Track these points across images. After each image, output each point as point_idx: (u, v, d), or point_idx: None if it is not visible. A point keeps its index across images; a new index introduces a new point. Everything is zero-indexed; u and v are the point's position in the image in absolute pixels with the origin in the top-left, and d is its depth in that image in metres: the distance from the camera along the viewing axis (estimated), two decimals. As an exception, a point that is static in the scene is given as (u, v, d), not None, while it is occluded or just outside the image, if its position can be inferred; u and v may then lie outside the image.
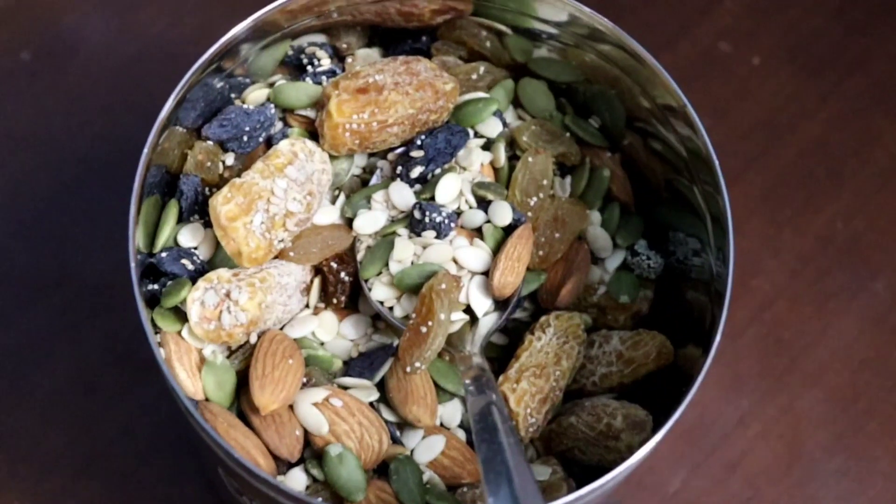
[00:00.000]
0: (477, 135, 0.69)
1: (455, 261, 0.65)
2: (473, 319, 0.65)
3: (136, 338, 0.59)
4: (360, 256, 0.66)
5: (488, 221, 0.66)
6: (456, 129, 0.67)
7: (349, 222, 0.66)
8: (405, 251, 0.65)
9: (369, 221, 0.66)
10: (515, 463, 0.53)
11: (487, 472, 0.53)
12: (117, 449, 0.79)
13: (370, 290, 0.65)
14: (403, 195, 0.66)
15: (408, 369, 0.62)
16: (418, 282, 0.64)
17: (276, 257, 0.64)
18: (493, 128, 0.69)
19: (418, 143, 0.67)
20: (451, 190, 0.66)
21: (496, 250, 0.65)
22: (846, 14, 0.96)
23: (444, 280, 0.62)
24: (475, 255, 0.65)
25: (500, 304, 0.66)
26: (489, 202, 0.66)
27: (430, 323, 0.61)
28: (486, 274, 0.65)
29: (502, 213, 0.66)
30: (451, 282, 0.63)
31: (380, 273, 0.65)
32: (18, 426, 0.79)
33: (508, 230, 0.66)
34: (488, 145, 0.69)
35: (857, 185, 0.91)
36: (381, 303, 0.65)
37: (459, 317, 0.65)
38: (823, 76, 0.94)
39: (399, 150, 0.67)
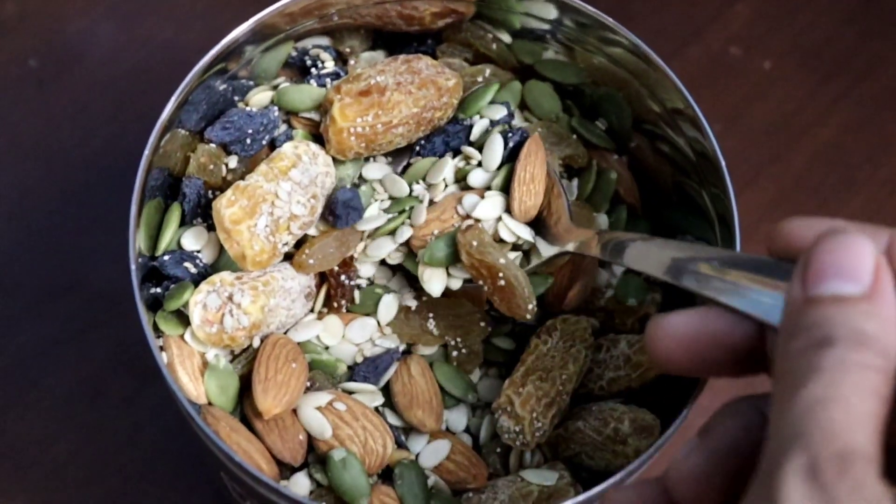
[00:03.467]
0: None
1: (476, 220, 0.65)
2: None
3: (143, 344, 0.59)
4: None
5: (489, 171, 0.67)
6: (452, 131, 0.67)
7: None
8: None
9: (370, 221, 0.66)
10: None
11: None
12: (124, 456, 0.79)
13: (427, 284, 0.64)
14: (398, 185, 0.67)
15: (528, 317, 0.62)
16: (451, 249, 0.64)
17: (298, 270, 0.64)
18: (497, 111, 0.69)
19: (416, 149, 0.67)
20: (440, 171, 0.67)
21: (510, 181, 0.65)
22: (858, 19, 0.96)
23: (470, 238, 0.63)
24: (490, 204, 0.65)
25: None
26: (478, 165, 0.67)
27: (500, 274, 0.61)
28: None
29: (492, 151, 0.66)
30: (474, 231, 0.63)
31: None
32: (26, 433, 0.79)
33: (514, 154, 0.66)
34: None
35: (870, 190, 0.90)
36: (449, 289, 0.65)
37: (515, 255, 0.65)
38: (835, 81, 0.94)
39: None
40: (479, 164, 0.66)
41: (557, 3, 0.68)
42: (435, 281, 0.64)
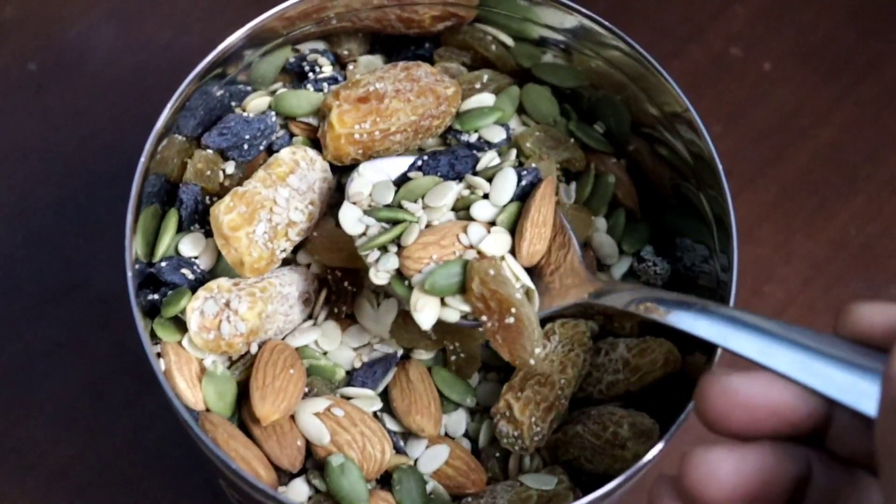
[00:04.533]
0: (480, 139, 0.68)
1: (480, 253, 0.61)
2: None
3: (143, 348, 0.59)
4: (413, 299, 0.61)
5: (496, 206, 0.63)
6: (462, 154, 0.65)
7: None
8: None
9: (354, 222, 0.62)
10: None
11: None
12: (125, 459, 0.79)
13: (418, 314, 0.60)
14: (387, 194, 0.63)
15: (532, 362, 0.59)
16: (458, 279, 0.60)
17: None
18: (496, 133, 0.68)
19: (419, 164, 0.64)
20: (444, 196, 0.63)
21: (515, 221, 0.62)
22: (858, 18, 0.96)
23: (487, 266, 0.59)
24: (495, 241, 0.61)
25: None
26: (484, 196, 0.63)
27: (512, 310, 0.58)
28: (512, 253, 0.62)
29: (504, 186, 0.63)
30: (492, 263, 0.59)
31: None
32: (26, 437, 0.79)
33: (524, 193, 0.63)
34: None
35: (871, 190, 0.90)
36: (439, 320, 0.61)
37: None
38: (836, 81, 0.93)
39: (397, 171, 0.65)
40: (485, 196, 0.63)
41: (557, 8, 0.67)
42: (428, 310, 0.60)
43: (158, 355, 0.62)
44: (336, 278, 0.65)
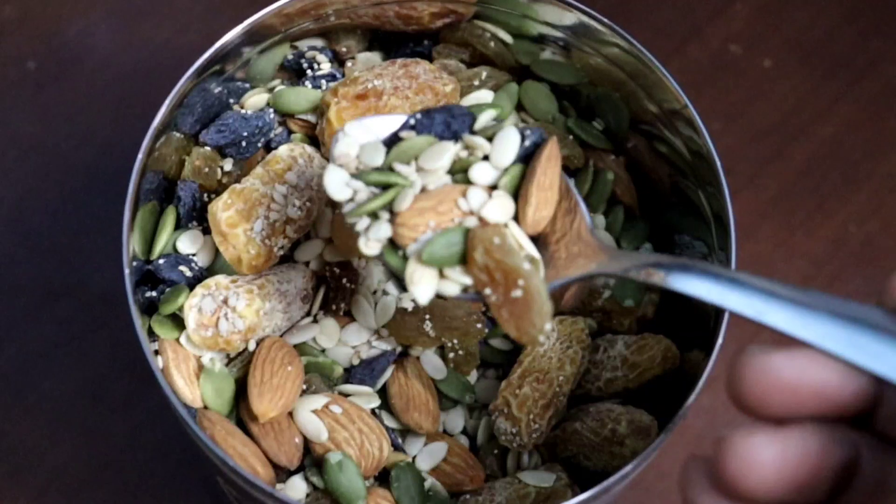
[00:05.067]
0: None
1: (482, 219, 0.55)
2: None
3: (141, 346, 0.59)
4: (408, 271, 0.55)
5: (498, 168, 0.56)
6: (458, 112, 0.57)
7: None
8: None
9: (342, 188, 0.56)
10: None
11: None
12: (123, 459, 0.78)
13: (415, 287, 0.54)
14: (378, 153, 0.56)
15: (542, 339, 0.54)
16: (459, 248, 0.54)
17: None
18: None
19: (411, 122, 0.57)
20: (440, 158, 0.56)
21: (518, 185, 0.56)
22: (858, 16, 0.96)
23: (492, 234, 0.53)
24: (498, 205, 0.55)
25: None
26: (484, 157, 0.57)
27: (520, 282, 0.52)
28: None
29: (506, 147, 0.56)
30: (496, 230, 0.53)
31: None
32: (24, 436, 0.79)
33: (527, 154, 0.57)
34: None
35: (871, 187, 0.90)
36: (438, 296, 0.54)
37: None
38: (836, 78, 0.93)
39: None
40: (485, 158, 0.58)
41: (556, 5, 0.67)
42: (425, 284, 0.53)
43: (156, 353, 0.62)
44: (334, 275, 0.65)
